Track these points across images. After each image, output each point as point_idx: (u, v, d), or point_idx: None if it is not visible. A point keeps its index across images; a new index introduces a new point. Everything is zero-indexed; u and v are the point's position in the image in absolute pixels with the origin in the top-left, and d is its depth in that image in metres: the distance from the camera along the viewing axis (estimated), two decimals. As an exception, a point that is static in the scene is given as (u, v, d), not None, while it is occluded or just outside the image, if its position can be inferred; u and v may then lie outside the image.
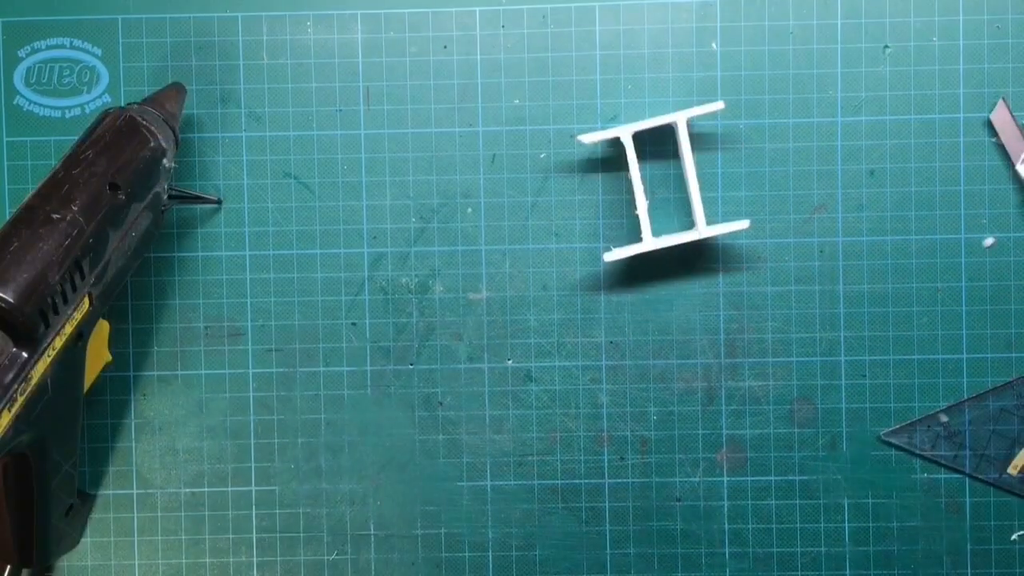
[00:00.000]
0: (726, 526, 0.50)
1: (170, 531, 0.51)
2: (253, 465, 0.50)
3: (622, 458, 0.50)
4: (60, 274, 0.38)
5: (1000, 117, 0.49)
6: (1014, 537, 0.49)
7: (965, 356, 0.49)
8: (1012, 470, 0.49)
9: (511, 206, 0.50)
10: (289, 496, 0.50)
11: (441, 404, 0.50)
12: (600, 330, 0.50)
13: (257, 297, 0.50)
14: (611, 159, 0.50)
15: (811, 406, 0.50)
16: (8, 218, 0.39)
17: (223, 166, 0.50)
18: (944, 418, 0.49)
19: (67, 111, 0.50)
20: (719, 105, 0.48)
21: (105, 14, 0.50)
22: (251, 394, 0.50)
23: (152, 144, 0.44)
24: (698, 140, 0.49)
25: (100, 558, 0.50)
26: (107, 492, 0.51)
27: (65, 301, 0.39)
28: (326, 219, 0.50)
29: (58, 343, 0.39)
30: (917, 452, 0.49)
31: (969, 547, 0.49)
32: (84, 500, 0.49)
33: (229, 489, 0.50)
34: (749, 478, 0.50)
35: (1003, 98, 0.49)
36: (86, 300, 0.41)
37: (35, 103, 0.50)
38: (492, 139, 0.50)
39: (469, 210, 0.50)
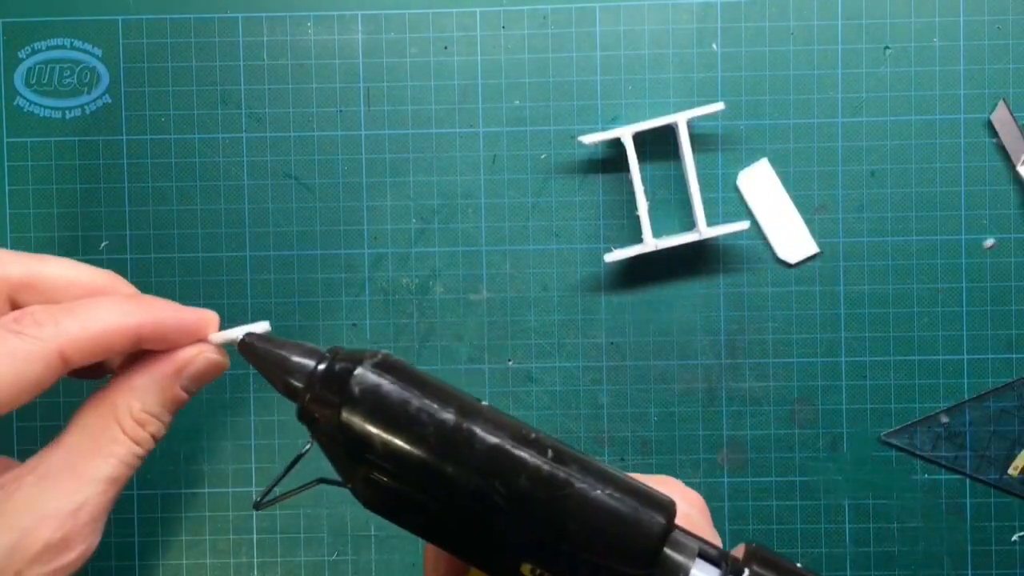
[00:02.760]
0: (727, 527, 0.50)
1: (170, 532, 0.50)
2: (254, 466, 0.50)
3: (623, 459, 0.50)
4: None
5: (1001, 118, 0.49)
6: (1015, 538, 0.49)
7: (966, 357, 0.49)
8: (1013, 471, 0.49)
9: (511, 207, 0.50)
10: (289, 497, 0.50)
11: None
12: (601, 331, 0.50)
13: (258, 298, 0.50)
14: (612, 160, 0.50)
15: (812, 407, 0.50)
16: None
17: (223, 167, 0.50)
18: (945, 419, 0.49)
19: (67, 112, 0.50)
20: (719, 106, 0.48)
21: (105, 15, 0.50)
22: (252, 395, 0.50)
23: None
24: (699, 141, 0.49)
25: (101, 559, 0.50)
26: (107, 493, 0.50)
27: None
28: (327, 220, 0.50)
29: None
30: (918, 453, 0.49)
31: (970, 548, 0.49)
32: None
33: (230, 490, 0.50)
34: (750, 479, 0.50)
35: (1004, 99, 0.49)
36: None
37: (35, 104, 0.50)
38: (492, 140, 0.50)
39: (469, 211, 0.50)
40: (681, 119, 0.47)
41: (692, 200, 0.48)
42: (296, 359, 0.30)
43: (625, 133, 0.47)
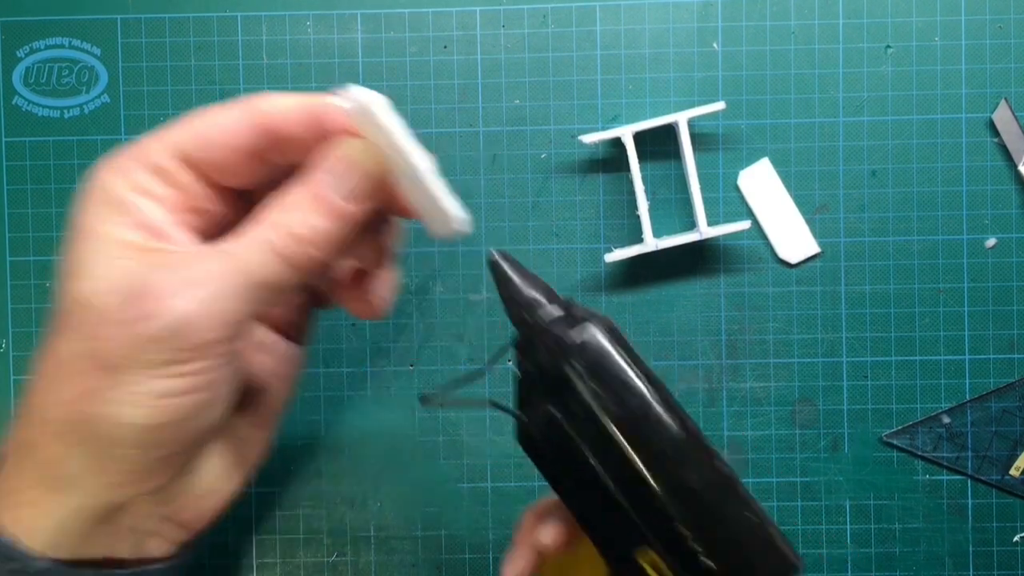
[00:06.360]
0: (727, 528, 0.50)
1: (169, 533, 0.50)
2: (253, 467, 0.50)
3: (623, 459, 0.50)
4: None
5: (1002, 117, 0.49)
6: (1016, 539, 0.49)
7: (967, 357, 0.49)
8: (1014, 472, 0.49)
9: (512, 207, 0.50)
10: (289, 498, 0.50)
11: (442, 405, 0.50)
12: (601, 331, 0.50)
13: (257, 298, 0.50)
14: (612, 159, 0.49)
15: (813, 407, 0.49)
16: None
17: (223, 166, 0.50)
18: (946, 419, 0.49)
19: (66, 111, 0.50)
20: (720, 105, 0.48)
21: (104, 14, 0.50)
22: (251, 395, 0.50)
23: None
24: (699, 140, 0.49)
25: (99, 560, 0.50)
26: (106, 494, 0.50)
27: None
28: (326, 220, 0.50)
29: None
30: (919, 453, 0.49)
31: (971, 549, 0.49)
32: None
33: (229, 491, 0.50)
34: (751, 479, 0.50)
35: (1005, 99, 0.49)
36: None
37: (34, 103, 0.50)
38: (493, 139, 0.50)
39: (470, 211, 0.50)
40: (682, 118, 0.47)
41: (693, 200, 0.47)
42: (532, 293, 0.34)
43: (625, 132, 0.47)
